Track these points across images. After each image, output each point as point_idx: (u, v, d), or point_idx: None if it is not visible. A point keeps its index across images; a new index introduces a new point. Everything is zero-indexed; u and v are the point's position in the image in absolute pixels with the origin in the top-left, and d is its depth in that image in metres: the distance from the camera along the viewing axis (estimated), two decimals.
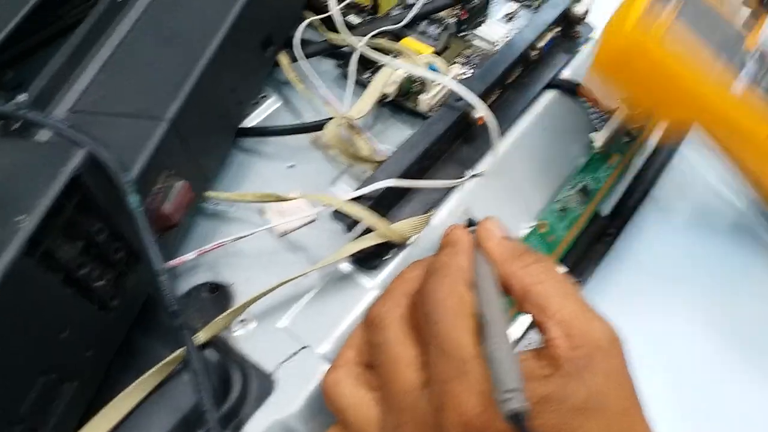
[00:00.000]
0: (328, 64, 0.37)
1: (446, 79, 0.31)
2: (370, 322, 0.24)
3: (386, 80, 0.32)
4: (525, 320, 0.32)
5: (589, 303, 0.23)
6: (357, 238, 0.28)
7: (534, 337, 0.32)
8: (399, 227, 0.28)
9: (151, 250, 0.24)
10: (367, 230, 0.28)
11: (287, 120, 0.35)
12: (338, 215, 0.27)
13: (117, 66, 0.29)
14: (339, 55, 0.37)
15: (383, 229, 0.27)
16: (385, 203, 0.29)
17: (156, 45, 0.30)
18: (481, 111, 0.31)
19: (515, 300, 0.24)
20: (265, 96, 0.36)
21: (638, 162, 0.37)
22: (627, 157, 0.37)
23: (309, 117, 0.35)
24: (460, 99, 0.31)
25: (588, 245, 0.35)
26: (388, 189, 0.28)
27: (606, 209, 0.36)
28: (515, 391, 0.18)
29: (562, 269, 0.33)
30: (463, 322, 0.22)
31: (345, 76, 0.35)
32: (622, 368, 0.22)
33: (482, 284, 0.23)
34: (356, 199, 0.28)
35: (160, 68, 0.28)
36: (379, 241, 0.28)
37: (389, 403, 0.22)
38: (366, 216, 0.27)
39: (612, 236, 0.35)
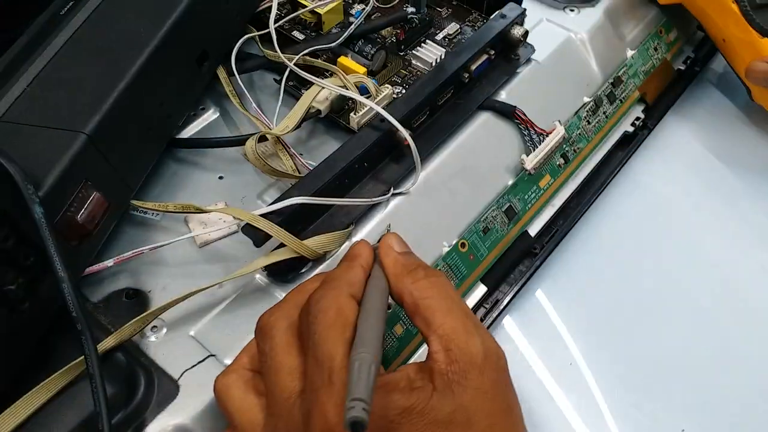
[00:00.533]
0: (270, 78, 0.38)
1: (369, 101, 0.32)
2: (259, 330, 0.25)
3: (312, 99, 0.33)
4: None
5: (474, 319, 0.23)
6: (271, 251, 0.29)
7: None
8: (312, 243, 0.29)
9: (54, 258, 0.25)
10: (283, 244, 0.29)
11: (224, 132, 0.36)
12: (248, 230, 0.28)
13: (48, 79, 0.30)
14: (280, 69, 0.38)
15: (293, 245, 0.28)
16: (301, 219, 0.30)
17: (88, 59, 0.31)
18: (402, 133, 0.32)
19: (408, 314, 0.24)
20: (204, 108, 0.37)
21: (572, 185, 0.38)
22: (559, 179, 0.37)
23: (246, 129, 0.36)
24: (384, 120, 0.32)
25: (512, 265, 0.35)
26: (304, 205, 0.29)
27: (534, 230, 0.36)
28: (359, 400, 0.18)
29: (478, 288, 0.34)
30: (338, 333, 0.22)
31: (287, 91, 0.36)
32: (496, 384, 0.22)
33: (367, 297, 0.24)
34: (269, 214, 0.29)
35: (87, 82, 0.30)
36: (289, 256, 0.29)
37: (271, 410, 0.23)
38: (274, 231, 0.28)
39: (537, 257, 0.35)
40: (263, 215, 0.28)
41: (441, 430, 0.21)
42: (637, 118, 0.40)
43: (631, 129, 0.40)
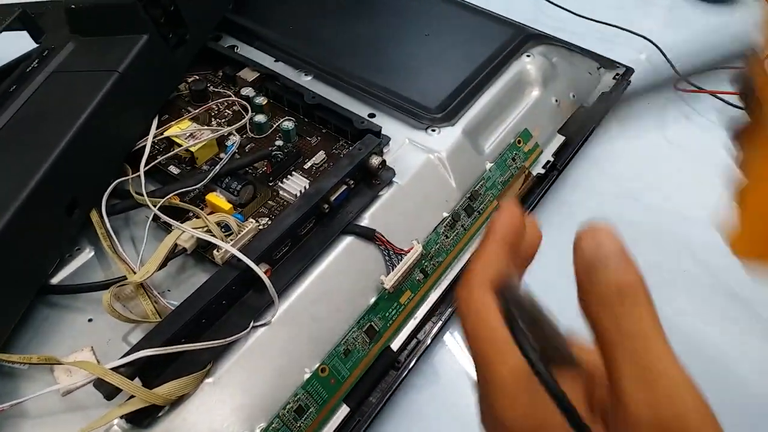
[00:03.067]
0: (145, 214, 0.40)
1: (224, 244, 0.35)
2: None
3: (174, 240, 0.35)
4: None
5: None
6: (126, 401, 0.31)
7: None
8: (163, 391, 0.31)
9: None
10: None
11: (98, 272, 0.38)
12: (100, 384, 0.30)
13: None
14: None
15: (142, 395, 0.30)
16: (155, 366, 0.32)
17: None
18: (259, 274, 0.34)
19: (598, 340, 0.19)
20: (79, 248, 0.39)
21: (434, 295, 0.41)
22: (419, 293, 0.40)
23: (117, 270, 0.38)
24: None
25: (375, 381, 0.37)
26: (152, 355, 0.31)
27: (397, 344, 0.39)
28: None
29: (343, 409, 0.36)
30: (491, 340, 0.19)
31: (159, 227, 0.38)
32: None
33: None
34: (118, 368, 0.30)
35: None
36: (141, 406, 0.30)
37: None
38: (124, 385, 0.30)
39: (401, 369, 0.38)
40: (115, 368, 0.30)
41: None
42: None
43: None
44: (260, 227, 0.38)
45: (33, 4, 0.45)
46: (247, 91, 0.45)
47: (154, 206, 0.37)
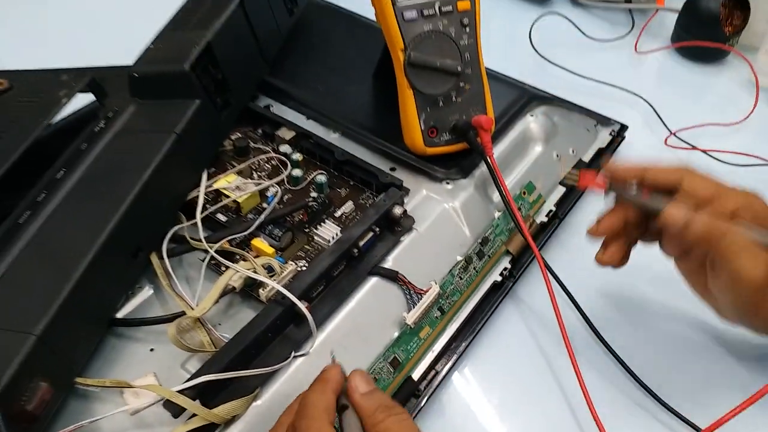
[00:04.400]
0: (197, 256, 0.46)
1: (272, 282, 0.40)
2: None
3: (227, 280, 0.41)
4: None
5: None
6: (188, 419, 0.36)
7: None
8: (221, 410, 0.36)
9: None
10: None
11: (156, 307, 0.43)
12: (168, 405, 0.35)
13: (5, 283, 0.37)
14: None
15: (203, 414, 0.35)
16: (213, 389, 0.37)
17: (40, 265, 0.38)
18: (301, 308, 0.39)
19: None
20: (140, 286, 0.44)
21: (450, 330, 0.46)
22: (437, 329, 0.45)
23: (175, 305, 0.43)
24: (285, 297, 0.40)
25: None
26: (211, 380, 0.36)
27: (417, 374, 0.44)
28: None
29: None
30: (324, 422, 0.30)
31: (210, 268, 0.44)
32: None
33: (349, 425, 0.32)
34: (183, 391, 0.35)
35: (38, 286, 0.37)
36: (201, 424, 0.36)
37: None
38: (188, 405, 0.35)
39: (421, 397, 0.43)
40: (180, 391, 0.35)
41: None
42: (505, 269, 0.49)
43: (499, 278, 0.48)
44: (298, 269, 0.44)
45: (99, 69, 0.51)
46: (285, 148, 0.51)
47: (211, 250, 0.42)
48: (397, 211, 0.46)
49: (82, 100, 0.51)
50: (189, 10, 0.54)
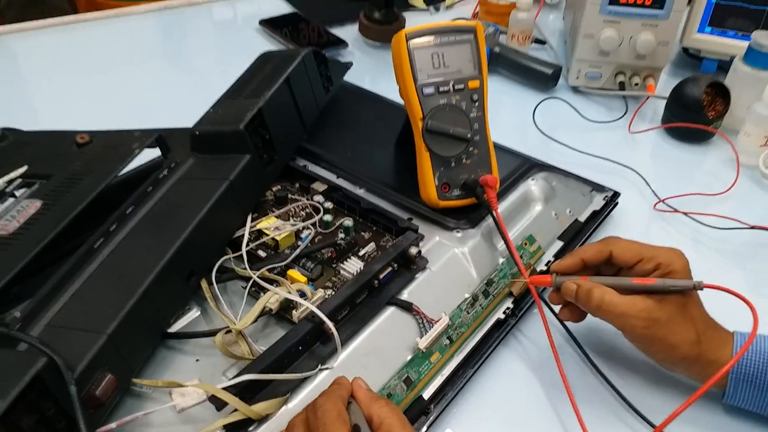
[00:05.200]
0: (239, 284, 0.53)
1: (305, 302, 0.47)
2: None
3: (266, 301, 0.48)
4: None
5: None
6: (229, 413, 0.42)
7: None
8: (257, 407, 0.42)
9: (80, 424, 0.37)
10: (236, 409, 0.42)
11: (202, 325, 0.50)
12: (213, 399, 0.41)
13: (83, 294, 0.45)
14: (247, 278, 0.52)
15: (243, 409, 0.41)
16: (251, 390, 0.43)
17: (110, 281, 0.45)
18: (329, 325, 0.46)
19: (374, 429, 0.38)
20: (189, 308, 0.51)
21: (457, 359, 0.51)
22: (446, 355, 0.51)
23: (218, 324, 0.50)
24: (315, 316, 0.46)
25: (410, 421, 0.47)
26: (252, 381, 0.42)
27: (428, 394, 0.49)
28: None
29: None
30: (341, 424, 0.37)
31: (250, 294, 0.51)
32: None
33: (353, 411, 0.39)
34: (228, 388, 0.41)
35: (109, 297, 0.44)
36: (241, 417, 0.41)
37: None
38: (230, 400, 0.41)
39: (430, 414, 0.48)
40: (224, 388, 0.41)
41: None
42: (508, 308, 0.55)
43: (502, 316, 0.54)
44: (326, 296, 0.50)
45: (165, 130, 0.61)
46: (318, 198, 0.59)
47: (254, 275, 0.49)
48: (413, 251, 0.53)
49: (150, 155, 0.60)
50: (242, 85, 0.64)
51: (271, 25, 1.05)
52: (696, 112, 0.80)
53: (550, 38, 1.03)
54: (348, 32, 1.04)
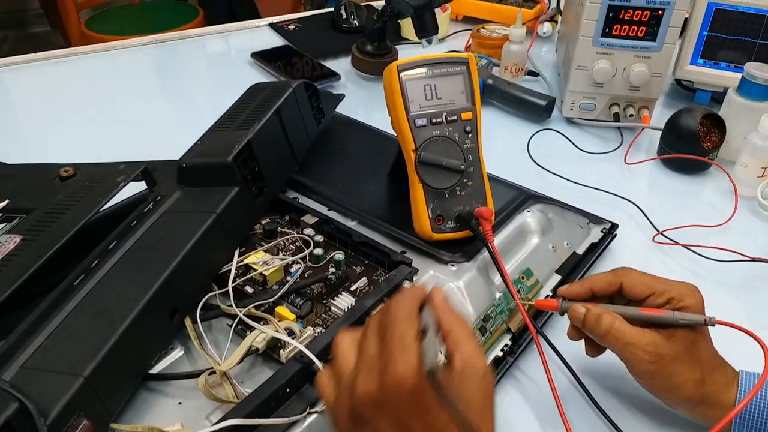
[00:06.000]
0: (225, 322, 0.51)
1: (293, 341, 0.45)
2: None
3: (252, 340, 0.45)
4: None
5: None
6: None
7: None
8: None
9: None
10: None
11: (186, 365, 0.48)
12: None
13: (60, 334, 0.42)
14: (234, 315, 0.50)
15: None
16: None
17: (90, 319, 0.43)
18: (318, 365, 0.44)
19: (442, 334, 0.38)
20: (173, 347, 0.49)
21: None
22: None
23: (203, 364, 0.47)
24: (304, 356, 0.44)
25: None
26: (235, 426, 0.40)
27: None
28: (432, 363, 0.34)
29: None
30: (410, 323, 0.37)
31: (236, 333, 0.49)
32: (487, 389, 0.37)
33: (426, 316, 0.38)
34: None
35: (89, 336, 0.42)
36: None
37: (360, 362, 0.37)
38: None
39: None
40: None
41: (457, 402, 0.35)
42: (506, 345, 0.53)
43: (500, 354, 0.52)
44: (316, 334, 0.48)
45: (151, 162, 0.59)
46: (308, 231, 0.58)
47: (240, 312, 0.47)
48: (406, 285, 0.51)
49: (136, 188, 0.59)
50: (231, 116, 0.63)
51: (264, 57, 1.04)
52: (692, 143, 0.79)
53: (543, 70, 1.04)
54: (341, 65, 1.04)
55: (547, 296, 0.58)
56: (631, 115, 0.88)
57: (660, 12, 0.81)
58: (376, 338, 0.38)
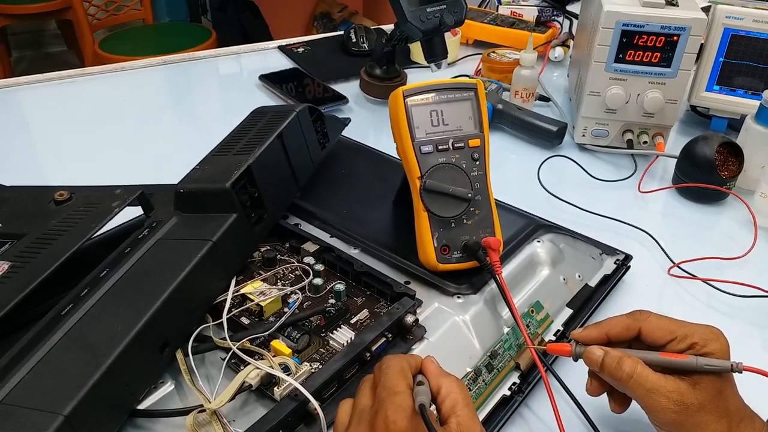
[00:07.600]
0: (219, 355, 0.49)
1: (289, 378, 0.42)
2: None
3: (245, 376, 0.43)
4: None
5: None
6: None
7: None
8: None
9: None
10: None
11: (176, 401, 0.45)
12: None
13: (43, 367, 0.40)
14: (228, 347, 0.48)
15: None
16: None
17: (75, 353, 0.41)
18: (314, 404, 0.41)
19: (438, 399, 0.39)
20: (163, 381, 0.46)
21: None
22: None
23: (194, 400, 0.45)
24: (299, 394, 0.42)
25: None
26: None
27: None
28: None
29: None
30: (401, 376, 0.38)
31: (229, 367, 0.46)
32: None
33: (419, 378, 0.40)
34: None
35: (72, 371, 0.40)
36: None
37: (353, 414, 0.39)
38: None
39: None
40: None
41: None
42: (514, 383, 0.50)
43: (508, 393, 0.49)
44: (312, 370, 0.46)
45: (148, 186, 0.58)
46: (308, 260, 0.56)
47: (234, 346, 0.45)
48: (410, 319, 0.49)
49: (134, 212, 0.57)
50: (232, 141, 0.62)
51: (271, 80, 1.04)
52: (708, 172, 0.76)
53: (554, 95, 1.02)
54: (350, 88, 1.03)
55: (558, 331, 0.56)
56: (645, 142, 0.85)
57: (675, 38, 0.79)
58: (370, 393, 0.40)
